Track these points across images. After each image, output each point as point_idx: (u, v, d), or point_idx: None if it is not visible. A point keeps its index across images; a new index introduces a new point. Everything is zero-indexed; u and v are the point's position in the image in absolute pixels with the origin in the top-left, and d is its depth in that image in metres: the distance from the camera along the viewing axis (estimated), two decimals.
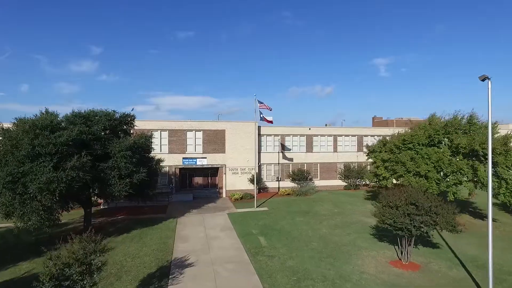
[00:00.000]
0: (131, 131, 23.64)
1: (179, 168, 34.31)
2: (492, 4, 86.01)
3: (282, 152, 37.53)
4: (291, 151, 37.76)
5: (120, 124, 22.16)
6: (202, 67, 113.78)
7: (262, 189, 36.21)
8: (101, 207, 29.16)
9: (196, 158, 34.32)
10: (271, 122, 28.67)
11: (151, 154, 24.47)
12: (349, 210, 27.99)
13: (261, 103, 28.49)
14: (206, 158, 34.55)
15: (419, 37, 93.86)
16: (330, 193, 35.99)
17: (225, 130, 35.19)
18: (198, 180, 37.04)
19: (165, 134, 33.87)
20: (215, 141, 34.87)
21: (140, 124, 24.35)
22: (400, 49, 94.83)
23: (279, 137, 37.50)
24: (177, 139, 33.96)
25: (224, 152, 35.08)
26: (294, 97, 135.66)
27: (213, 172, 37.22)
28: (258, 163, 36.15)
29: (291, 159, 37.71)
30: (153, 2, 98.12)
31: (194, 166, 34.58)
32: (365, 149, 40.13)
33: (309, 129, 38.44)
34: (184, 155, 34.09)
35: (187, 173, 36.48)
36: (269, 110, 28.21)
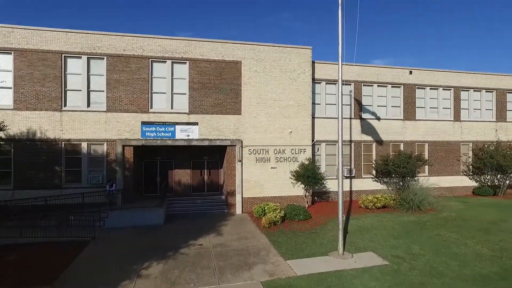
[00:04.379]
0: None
1: (134, 147, 14.95)
2: (492, 4, 71.63)
3: (359, 117, 18.20)
4: (374, 116, 18.34)
5: None
6: None
7: (317, 194, 16.99)
8: None
9: (174, 124, 14.97)
10: None
11: None
12: None
13: None
14: (197, 124, 15.21)
15: (418, 38, 79.47)
16: (467, 206, 16.62)
17: (241, 63, 15.78)
18: (180, 175, 17.61)
19: (98, 66, 14.41)
20: (218, 86, 15.48)
21: (35, 41, 5.88)
22: (400, 50, 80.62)
23: (352, 86, 18.15)
24: (129, 79, 14.56)
25: (238, 112, 15.71)
26: None
27: (213, 157, 17.92)
28: (312, 141, 16.84)
29: (375, 133, 18.31)
30: (153, 2, 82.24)
31: (170, 143, 15.12)
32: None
33: (410, 72, 19.01)
34: (146, 118, 14.73)
35: (155, 160, 17.17)
36: None
